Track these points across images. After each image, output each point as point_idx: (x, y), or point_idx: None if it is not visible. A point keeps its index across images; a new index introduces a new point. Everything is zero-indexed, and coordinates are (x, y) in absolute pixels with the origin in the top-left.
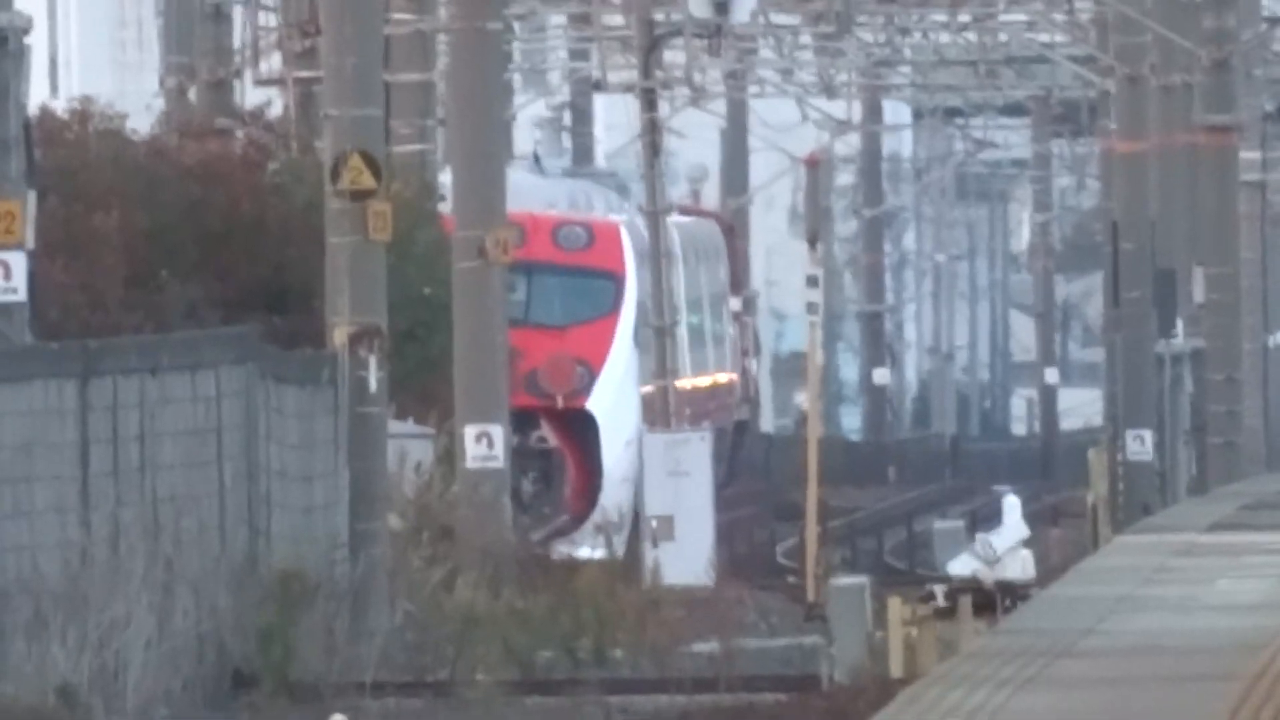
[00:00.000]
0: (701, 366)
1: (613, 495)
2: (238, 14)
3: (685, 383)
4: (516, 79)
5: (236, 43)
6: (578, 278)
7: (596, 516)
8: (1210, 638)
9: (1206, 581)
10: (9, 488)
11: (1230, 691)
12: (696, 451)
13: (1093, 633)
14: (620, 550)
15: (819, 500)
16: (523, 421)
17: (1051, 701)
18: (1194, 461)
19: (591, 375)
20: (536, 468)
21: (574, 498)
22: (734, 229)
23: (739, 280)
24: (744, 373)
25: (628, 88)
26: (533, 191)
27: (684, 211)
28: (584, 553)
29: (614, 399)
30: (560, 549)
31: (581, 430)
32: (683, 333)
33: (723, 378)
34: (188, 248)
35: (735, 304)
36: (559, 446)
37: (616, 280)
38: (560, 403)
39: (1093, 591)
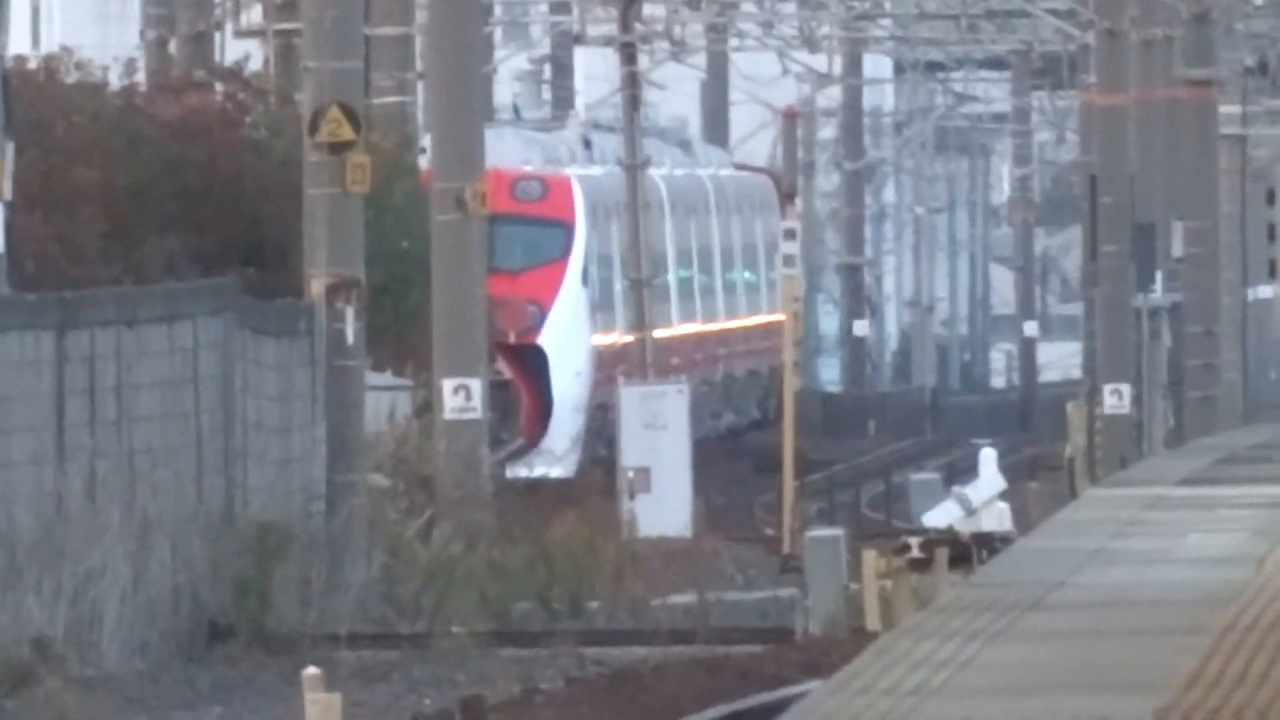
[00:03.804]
0: (754, 309)
1: (563, 422)
2: None
3: (735, 323)
4: (497, 33)
5: None
6: (532, 226)
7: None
8: (1180, 591)
9: (1178, 535)
10: None
11: (1199, 645)
12: (674, 404)
13: (1064, 586)
14: (572, 471)
15: (796, 453)
16: None
17: (1021, 654)
18: (1172, 415)
19: (542, 314)
20: (494, 398)
21: (528, 424)
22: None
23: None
24: (795, 316)
25: (608, 41)
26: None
27: (739, 168)
28: (537, 473)
29: (563, 335)
30: (516, 470)
31: (534, 364)
32: (737, 278)
33: (774, 319)
34: (166, 202)
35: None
36: (514, 379)
37: (567, 228)
38: (514, 339)
39: (1064, 544)
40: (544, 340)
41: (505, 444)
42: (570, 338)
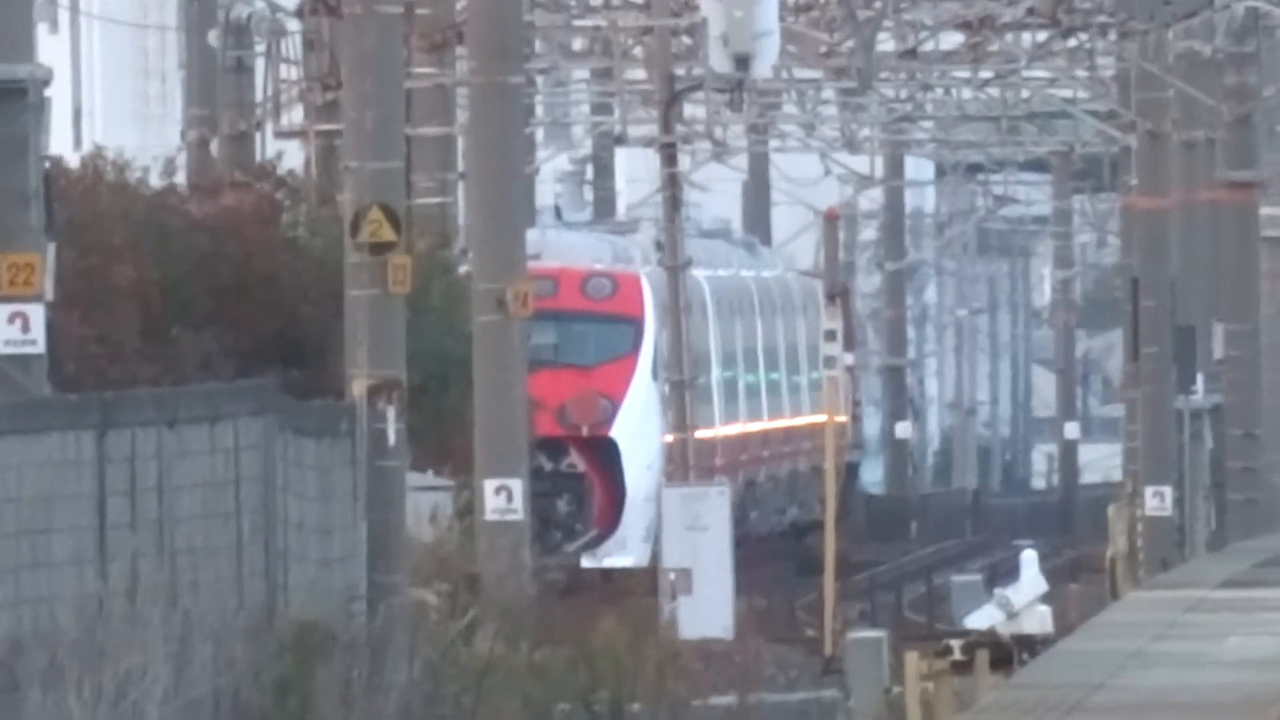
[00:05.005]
0: (819, 406)
1: (636, 512)
2: (260, 67)
3: (801, 420)
4: (539, 133)
5: (258, 95)
6: (603, 323)
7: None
8: (1220, 693)
9: (1218, 638)
10: (26, 539)
11: None
12: (715, 505)
13: (1104, 688)
14: (645, 561)
15: (838, 554)
16: (555, 449)
17: None
18: (1214, 518)
19: (614, 407)
20: (568, 490)
21: (600, 515)
22: (847, 290)
23: (852, 336)
24: (854, 419)
25: (649, 142)
26: (575, 246)
27: (804, 273)
28: (611, 562)
29: (635, 428)
30: (589, 560)
31: (606, 456)
32: (803, 376)
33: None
34: (199, 298)
35: (848, 358)
36: (587, 470)
37: (636, 324)
38: (586, 432)
39: (1105, 646)
40: (616, 433)
41: (579, 535)
42: (641, 430)
